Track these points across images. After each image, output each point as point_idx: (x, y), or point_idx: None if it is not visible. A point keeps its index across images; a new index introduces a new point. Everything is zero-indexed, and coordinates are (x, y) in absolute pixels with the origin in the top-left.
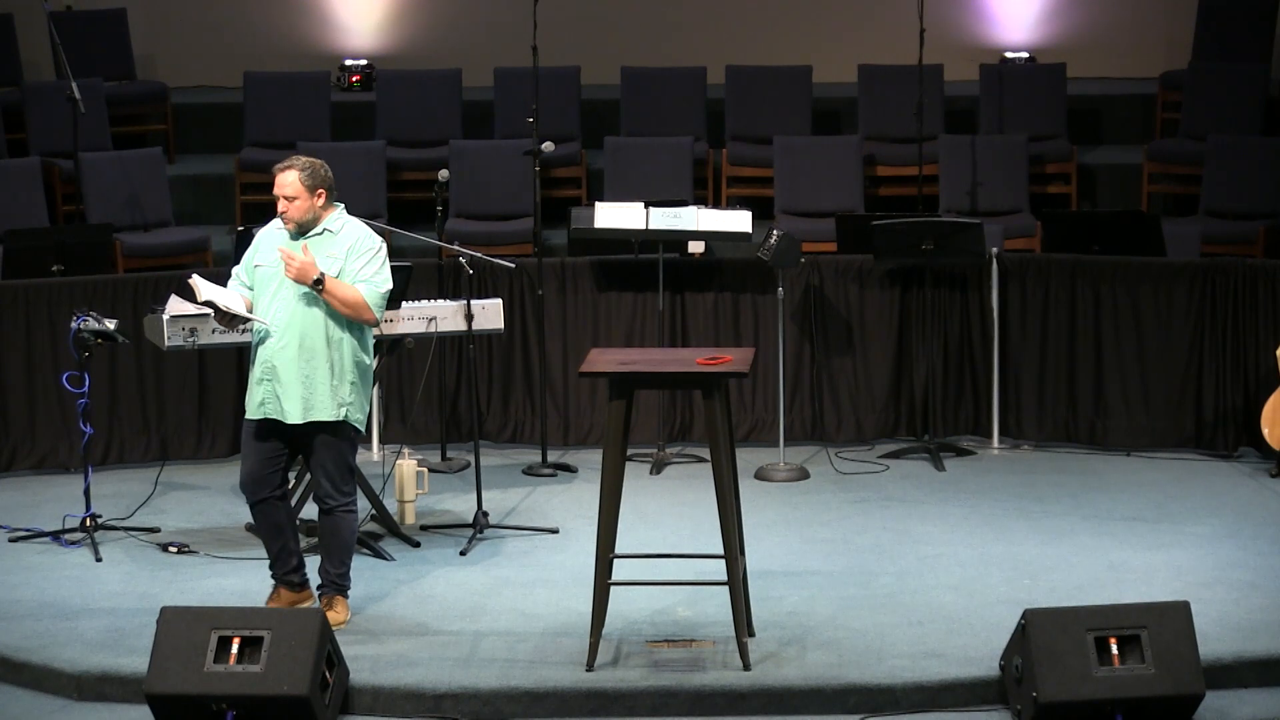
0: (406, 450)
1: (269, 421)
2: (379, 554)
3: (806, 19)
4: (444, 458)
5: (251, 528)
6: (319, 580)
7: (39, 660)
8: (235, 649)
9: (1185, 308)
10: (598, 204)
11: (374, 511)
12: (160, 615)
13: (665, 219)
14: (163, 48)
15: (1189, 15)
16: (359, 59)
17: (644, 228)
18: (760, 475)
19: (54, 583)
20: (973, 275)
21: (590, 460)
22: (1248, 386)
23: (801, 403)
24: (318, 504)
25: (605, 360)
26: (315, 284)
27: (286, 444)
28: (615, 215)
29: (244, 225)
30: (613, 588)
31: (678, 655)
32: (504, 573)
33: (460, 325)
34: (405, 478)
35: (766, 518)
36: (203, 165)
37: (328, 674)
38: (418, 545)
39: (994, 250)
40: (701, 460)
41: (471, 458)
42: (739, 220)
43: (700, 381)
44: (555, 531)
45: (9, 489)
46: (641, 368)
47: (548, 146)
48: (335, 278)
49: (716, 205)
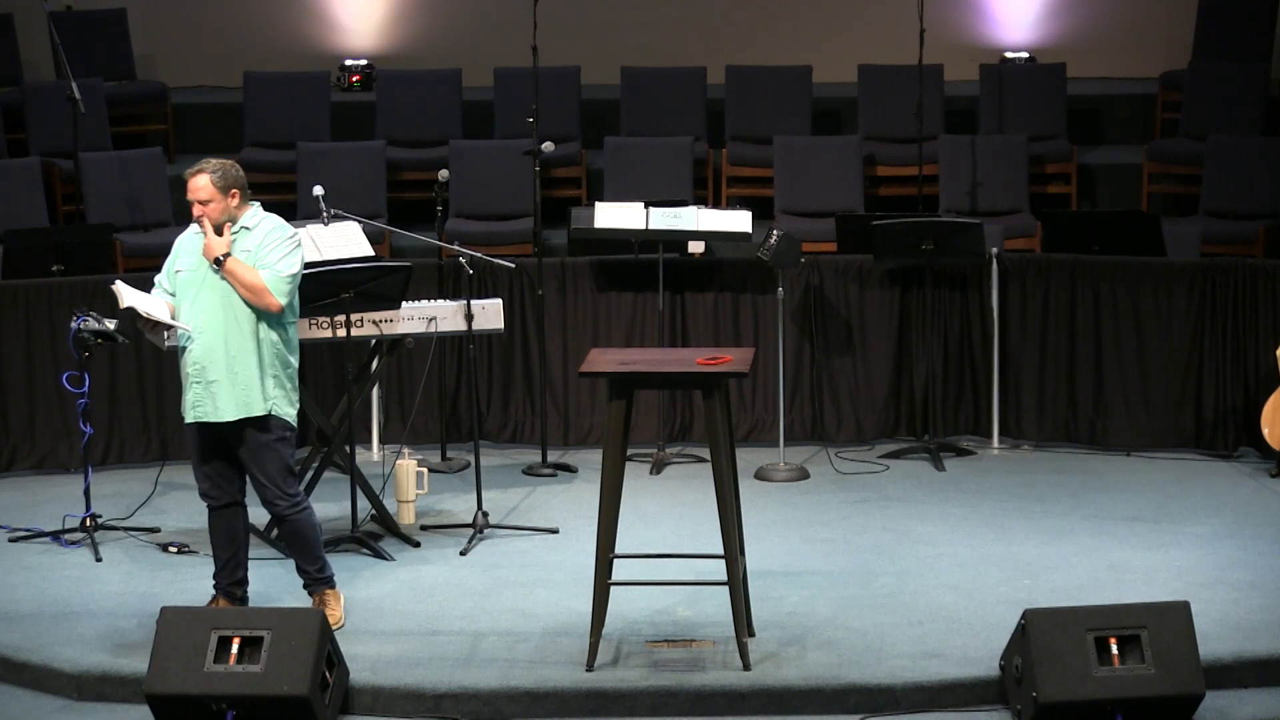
0: (406, 450)
1: (208, 431)
2: (379, 554)
3: (806, 19)
4: (444, 458)
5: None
6: (303, 582)
7: (39, 660)
8: (235, 649)
9: (1185, 308)
10: (598, 204)
11: (374, 511)
12: (160, 615)
13: (665, 219)
14: (163, 48)
15: (1189, 15)
16: (359, 59)
17: (644, 228)
18: (760, 475)
19: (54, 583)
20: (973, 275)
21: (590, 460)
22: (1248, 386)
23: (801, 403)
24: (268, 510)
25: (605, 360)
26: (217, 261)
27: (231, 445)
28: (615, 215)
29: None
30: (613, 588)
31: (678, 655)
32: (504, 573)
33: (460, 325)
34: (405, 478)
35: (766, 518)
36: None
37: (328, 674)
38: (418, 545)
39: (994, 250)
40: (701, 460)
41: (471, 458)
42: (739, 220)
43: (700, 381)
44: (555, 531)
45: (9, 489)
46: (641, 368)
47: (548, 146)
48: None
49: (716, 205)
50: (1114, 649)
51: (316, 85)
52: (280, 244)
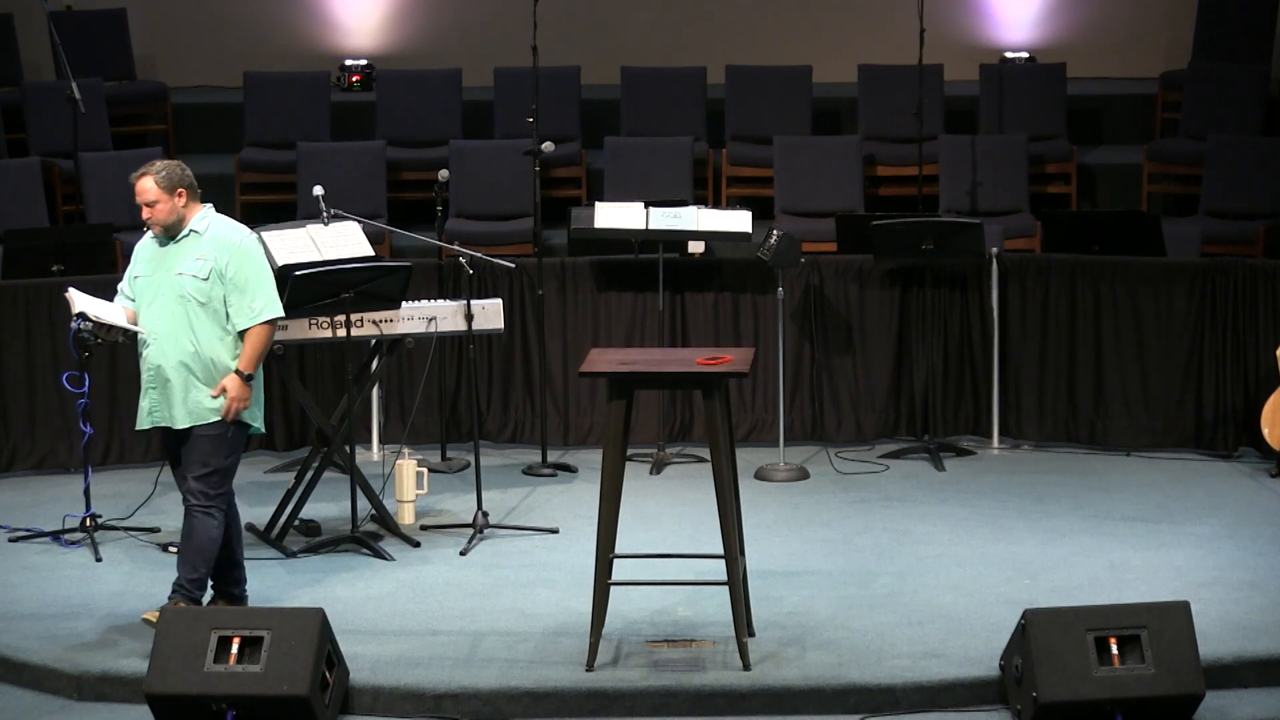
0: (406, 450)
1: (170, 435)
2: (379, 554)
3: (806, 19)
4: (444, 458)
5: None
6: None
7: (39, 660)
8: (235, 649)
9: (1185, 308)
10: (598, 204)
11: (374, 511)
12: (160, 615)
13: (665, 219)
14: (163, 48)
15: (1189, 15)
16: (359, 59)
17: (644, 228)
18: (760, 475)
19: (54, 583)
20: (973, 275)
21: (590, 460)
22: (1248, 386)
23: (801, 403)
24: (184, 499)
25: (605, 360)
26: (245, 381)
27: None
28: (615, 215)
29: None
30: (613, 588)
31: (678, 655)
32: (504, 573)
33: (460, 325)
34: (405, 478)
35: (766, 518)
36: (203, 165)
37: (328, 674)
38: (418, 545)
39: (994, 250)
40: (701, 460)
41: (471, 458)
42: (739, 220)
43: (700, 381)
44: (555, 531)
45: (9, 489)
46: (641, 368)
47: (548, 146)
48: (205, 280)
49: (716, 205)
50: (1114, 649)
51: (316, 85)
52: (246, 268)
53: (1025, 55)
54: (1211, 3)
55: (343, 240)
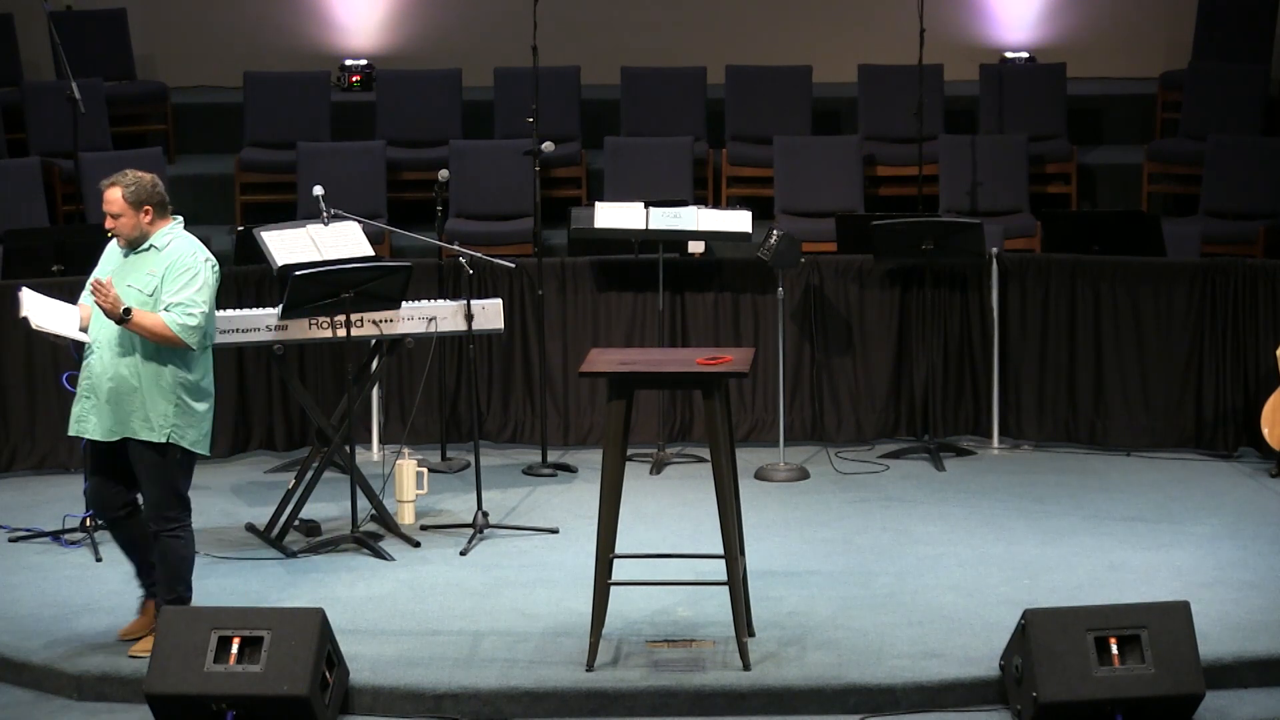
0: (406, 450)
1: (98, 445)
2: (379, 554)
3: (806, 19)
4: (444, 458)
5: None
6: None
7: (39, 660)
8: (235, 649)
9: (1185, 308)
10: (598, 204)
11: (374, 511)
12: (160, 615)
13: (665, 219)
14: (163, 48)
15: (1189, 15)
16: (359, 59)
17: (644, 228)
18: (760, 475)
19: (54, 583)
20: (973, 275)
21: (590, 460)
22: (1248, 386)
23: (801, 403)
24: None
25: (605, 360)
26: (122, 317)
27: (124, 461)
28: (615, 215)
29: (244, 225)
30: (613, 588)
31: (678, 655)
32: (504, 573)
33: (460, 325)
34: (405, 478)
35: (766, 518)
36: (203, 165)
37: (328, 674)
38: (418, 545)
39: (994, 250)
40: (701, 460)
41: (471, 458)
42: (739, 220)
43: (700, 381)
44: (555, 531)
45: (9, 489)
46: (641, 368)
47: (548, 146)
48: (150, 297)
49: (716, 205)
50: (1114, 649)
51: (316, 85)
52: (187, 280)
53: (1025, 55)
54: (1211, 3)
55: (343, 240)
